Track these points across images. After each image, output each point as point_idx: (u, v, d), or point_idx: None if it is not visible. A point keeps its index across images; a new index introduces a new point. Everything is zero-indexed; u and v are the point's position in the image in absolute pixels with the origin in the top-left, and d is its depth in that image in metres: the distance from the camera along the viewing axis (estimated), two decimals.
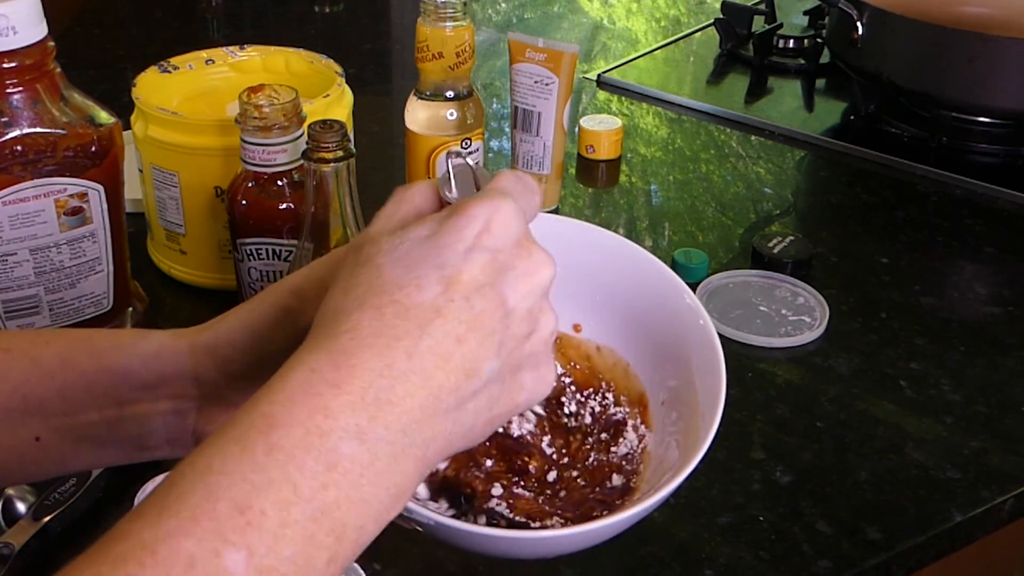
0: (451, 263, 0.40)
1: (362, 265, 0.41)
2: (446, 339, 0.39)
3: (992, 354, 0.83)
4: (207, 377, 0.50)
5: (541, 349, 0.43)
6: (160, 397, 0.50)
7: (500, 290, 0.40)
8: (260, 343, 0.50)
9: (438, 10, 0.85)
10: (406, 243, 0.41)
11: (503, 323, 0.40)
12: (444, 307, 0.39)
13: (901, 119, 1.17)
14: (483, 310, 0.40)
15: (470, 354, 0.39)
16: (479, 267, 0.40)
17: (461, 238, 0.40)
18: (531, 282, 0.41)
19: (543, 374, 0.43)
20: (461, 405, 0.40)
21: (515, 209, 0.42)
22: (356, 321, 0.39)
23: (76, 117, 0.70)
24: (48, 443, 0.50)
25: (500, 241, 0.41)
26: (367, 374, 0.38)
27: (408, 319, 0.39)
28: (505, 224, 0.41)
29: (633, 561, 0.64)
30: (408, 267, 0.40)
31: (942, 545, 0.68)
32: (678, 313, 0.53)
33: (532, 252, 0.42)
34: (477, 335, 0.40)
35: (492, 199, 0.42)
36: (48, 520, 0.63)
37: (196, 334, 0.51)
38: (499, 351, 0.40)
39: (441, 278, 0.39)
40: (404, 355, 0.38)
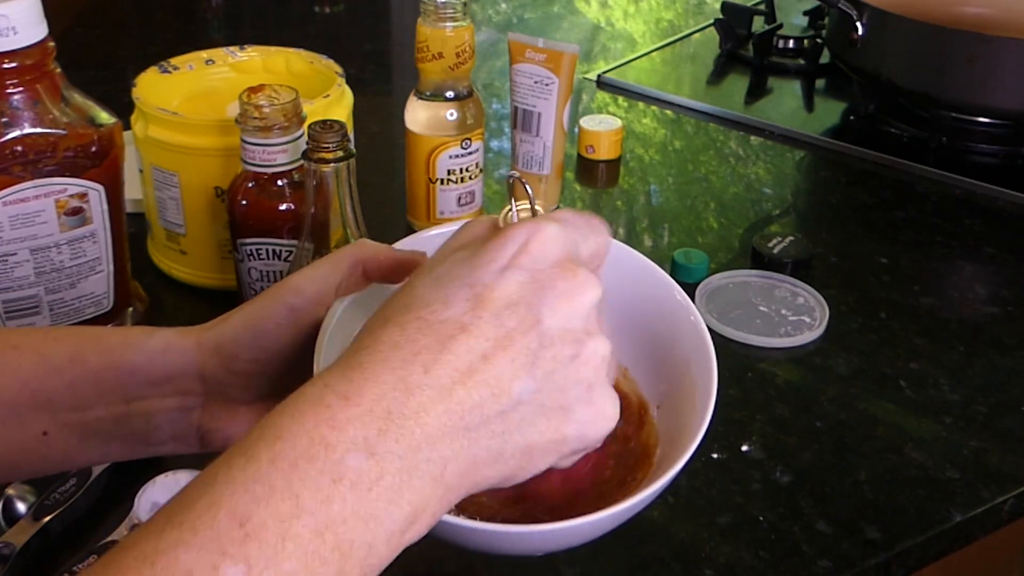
0: (483, 281, 0.39)
1: (402, 289, 0.41)
2: (469, 355, 0.38)
3: (991, 354, 0.83)
4: (212, 374, 0.51)
5: (590, 376, 0.40)
6: (166, 394, 0.51)
7: (536, 309, 0.39)
8: (264, 341, 0.50)
9: (438, 10, 0.85)
10: (444, 264, 0.40)
11: (538, 343, 0.39)
12: (470, 324, 0.38)
13: (901, 119, 1.17)
14: (514, 328, 0.38)
15: (497, 372, 0.38)
16: (515, 285, 0.39)
17: (496, 258, 0.39)
18: (572, 302, 0.39)
19: (601, 407, 0.41)
20: (485, 425, 0.38)
21: (559, 233, 0.40)
22: (377, 337, 0.38)
23: (76, 117, 0.70)
24: (55, 438, 0.50)
25: (538, 261, 0.39)
26: (379, 387, 0.37)
27: (429, 334, 0.38)
28: (543, 244, 0.40)
29: (633, 561, 0.64)
30: (439, 285, 0.39)
31: (942, 545, 0.68)
32: (669, 311, 0.53)
33: (576, 272, 0.40)
34: (506, 353, 0.38)
35: (536, 222, 0.40)
36: (48, 520, 0.63)
37: (202, 332, 0.51)
38: (532, 371, 0.38)
39: (471, 296, 0.38)
40: (421, 369, 0.37)
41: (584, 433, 0.40)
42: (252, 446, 0.36)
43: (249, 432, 0.37)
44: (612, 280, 0.55)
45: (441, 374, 0.37)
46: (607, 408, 0.41)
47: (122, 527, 0.63)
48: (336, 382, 0.37)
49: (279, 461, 0.35)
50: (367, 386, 0.37)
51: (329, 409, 0.36)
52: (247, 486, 0.34)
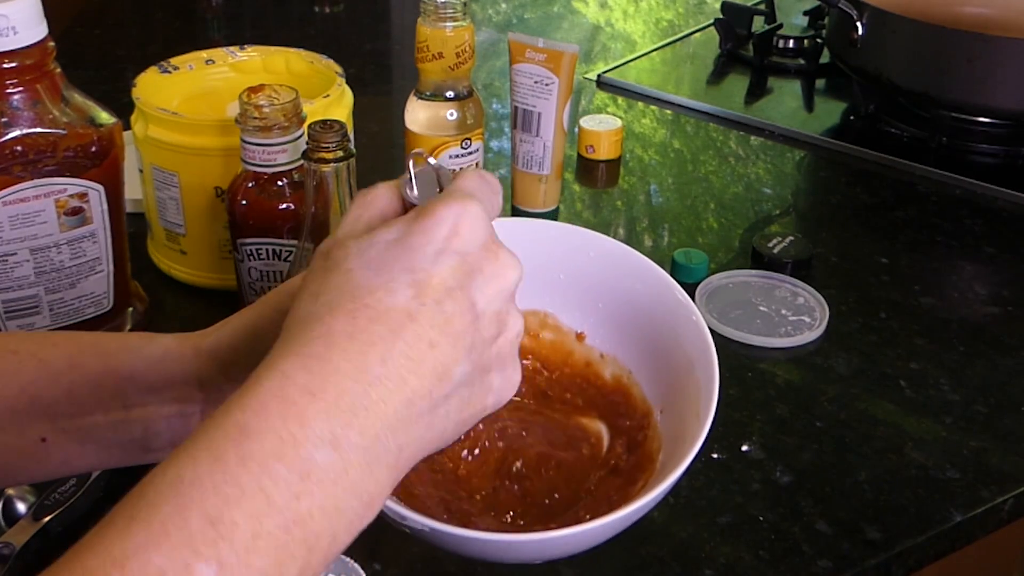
0: (421, 266, 0.40)
1: (331, 270, 0.41)
2: (419, 343, 0.39)
3: (992, 354, 0.83)
4: (211, 381, 0.51)
5: (507, 350, 0.43)
6: (165, 400, 0.51)
7: (470, 293, 0.40)
8: (263, 347, 0.50)
9: (438, 10, 0.85)
10: (375, 247, 0.41)
11: (473, 326, 0.40)
12: (416, 311, 0.39)
13: (901, 119, 1.17)
14: (453, 314, 0.40)
15: (442, 358, 0.39)
16: (449, 270, 0.40)
17: (430, 240, 0.40)
18: (499, 285, 0.41)
19: (509, 375, 0.43)
20: (433, 409, 0.40)
21: (481, 211, 0.42)
22: (329, 326, 0.39)
23: (76, 117, 0.70)
24: (54, 444, 0.50)
25: (468, 244, 0.41)
26: (341, 379, 0.37)
27: (381, 323, 0.39)
28: (472, 226, 0.41)
29: (633, 561, 0.64)
30: (378, 271, 0.40)
31: (942, 545, 0.68)
32: (671, 311, 0.53)
33: (499, 255, 0.42)
34: (448, 339, 0.40)
35: (459, 200, 0.41)
36: (48, 520, 0.63)
37: (201, 338, 0.51)
38: (469, 354, 0.40)
39: (412, 282, 0.39)
40: (378, 360, 0.38)
41: (499, 400, 0.43)
42: (217, 444, 0.36)
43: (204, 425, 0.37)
44: (614, 281, 0.55)
45: (397, 364, 0.38)
46: (515, 375, 0.43)
47: None
48: (296, 373, 0.37)
49: (248, 461, 0.35)
50: (330, 380, 0.37)
51: (295, 405, 0.36)
52: (217, 488, 0.34)
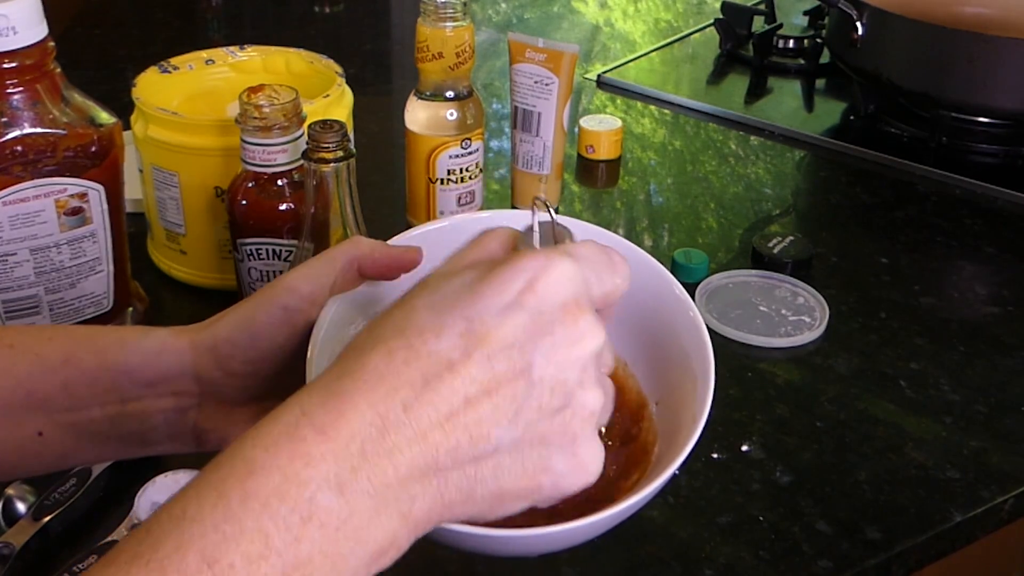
0: (481, 317, 0.37)
1: (400, 304, 0.39)
2: (453, 397, 0.36)
3: (992, 354, 0.83)
4: (207, 375, 0.51)
5: (578, 429, 0.39)
6: (162, 394, 0.51)
7: (529, 355, 0.37)
8: (259, 341, 0.50)
9: (438, 10, 0.85)
10: (447, 287, 0.38)
11: (525, 391, 0.37)
12: (458, 363, 0.37)
13: (901, 119, 1.17)
14: (503, 373, 0.37)
15: (478, 417, 0.37)
16: (512, 327, 0.37)
17: (501, 291, 0.37)
18: (569, 353, 0.38)
19: (583, 461, 0.39)
20: (459, 468, 0.37)
21: (571, 271, 0.38)
22: (363, 362, 0.37)
23: (76, 117, 0.70)
24: (50, 438, 0.50)
25: (544, 302, 0.37)
26: (356, 422, 0.36)
27: (415, 367, 0.36)
28: (554, 284, 0.38)
29: (633, 561, 0.64)
30: (438, 312, 0.37)
31: (942, 545, 0.68)
32: (669, 306, 0.53)
33: (578, 319, 0.38)
34: (491, 399, 0.37)
35: (548, 255, 0.38)
36: (48, 520, 0.63)
37: (197, 332, 0.51)
38: (515, 420, 0.37)
39: (466, 331, 0.37)
40: (400, 407, 0.36)
41: (560, 484, 0.39)
42: (223, 480, 0.35)
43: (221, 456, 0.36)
44: None
45: (420, 414, 0.36)
46: (589, 463, 0.39)
47: (122, 527, 0.63)
48: (314, 410, 0.36)
49: (250, 500, 0.34)
50: (344, 419, 0.36)
51: (304, 443, 0.35)
52: (217, 526, 0.34)
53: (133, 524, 0.63)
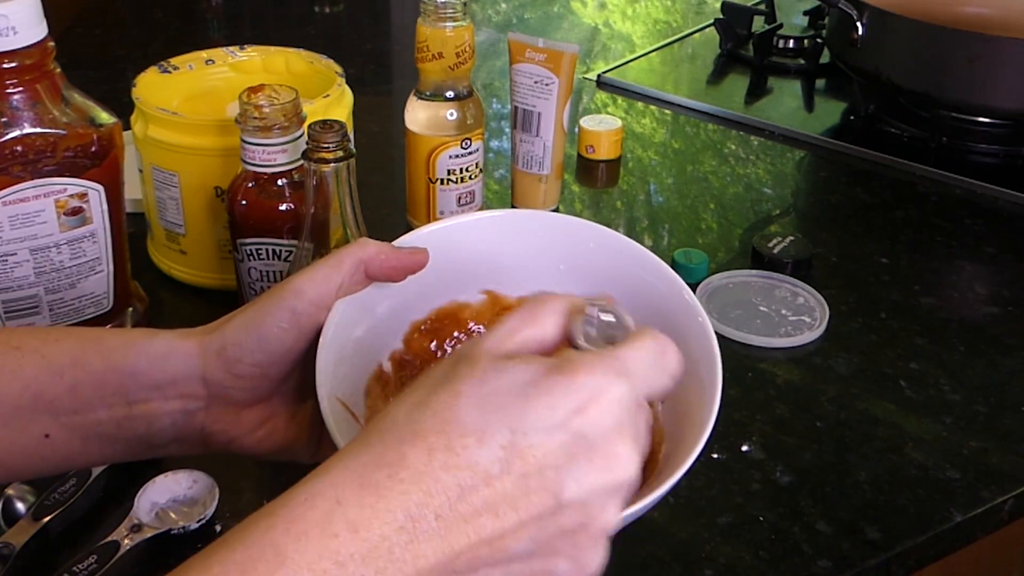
0: (525, 431, 0.37)
1: (445, 385, 0.39)
2: (484, 511, 0.37)
3: (992, 354, 0.83)
4: (215, 377, 0.51)
5: (585, 542, 0.39)
6: (169, 397, 0.51)
7: (563, 476, 0.37)
8: (267, 344, 0.50)
9: (438, 10, 0.85)
10: (497, 381, 0.38)
11: (552, 513, 0.38)
12: (496, 478, 0.37)
13: (901, 119, 1.17)
14: (535, 492, 0.37)
15: (503, 532, 0.37)
16: (554, 447, 0.37)
17: (552, 407, 0.37)
18: (601, 480, 0.38)
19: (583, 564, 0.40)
20: (472, 571, 0.38)
21: (625, 395, 0.39)
22: (402, 455, 0.37)
23: (76, 117, 0.70)
24: (57, 440, 0.50)
25: (591, 427, 0.38)
26: (389, 524, 0.36)
27: (453, 475, 0.37)
28: (606, 410, 0.38)
29: (633, 561, 0.64)
30: (483, 412, 0.37)
31: (942, 545, 0.68)
32: (678, 310, 0.53)
33: (618, 449, 0.38)
34: (518, 516, 0.37)
35: (607, 374, 0.38)
36: (48, 520, 0.63)
37: (204, 335, 0.51)
38: (536, 535, 0.38)
39: (509, 444, 0.37)
40: (433, 515, 0.36)
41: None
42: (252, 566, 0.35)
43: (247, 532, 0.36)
44: (614, 272, 0.55)
45: (450, 525, 0.37)
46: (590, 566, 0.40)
47: (122, 527, 0.63)
48: (349, 503, 0.36)
49: None
50: (377, 519, 0.36)
51: (336, 540, 0.36)
52: None
53: (133, 524, 0.63)
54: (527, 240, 0.57)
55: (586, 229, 0.56)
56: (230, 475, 0.67)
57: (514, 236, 0.57)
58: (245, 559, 0.35)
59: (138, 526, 0.62)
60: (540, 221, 0.59)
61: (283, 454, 0.55)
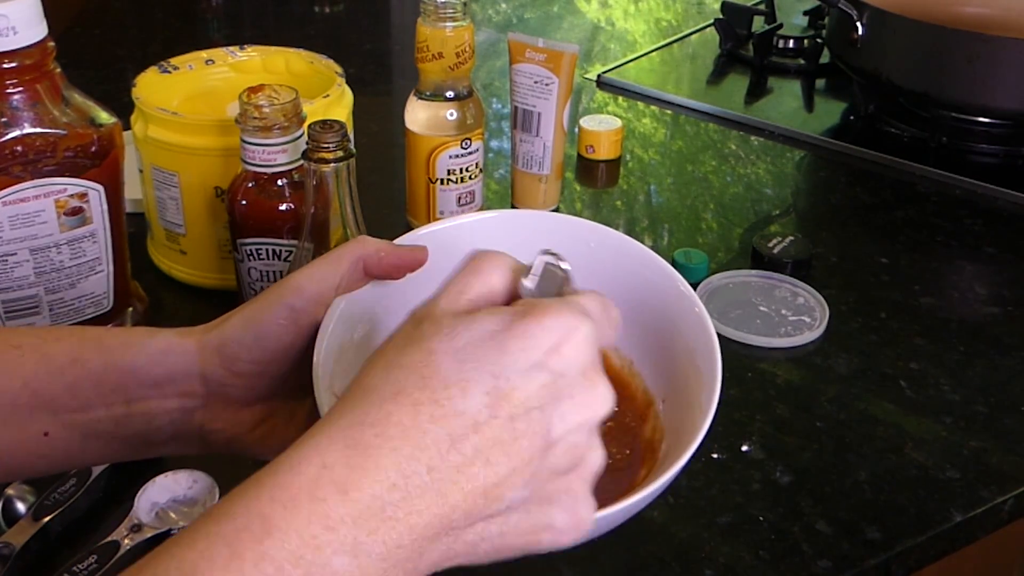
0: (507, 375, 0.37)
1: (415, 344, 0.38)
2: (476, 458, 0.36)
3: (992, 354, 0.83)
4: (214, 375, 0.51)
5: (578, 488, 0.39)
6: (168, 395, 0.51)
7: (549, 418, 0.37)
8: (265, 342, 0.50)
9: (438, 10, 0.85)
10: (468, 333, 0.38)
11: (542, 453, 0.38)
12: (484, 423, 0.36)
13: (901, 119, 1.17)
14: (523, 435, 0.37)
15: (497, 479, 0.37)
16: (536, 387, 0.37)
17: (528, 347, 0.37)
18: (583, 415, 0.38)
19: (579, 515, 0.40)
20: (469, 526, 0.37)
21: (592, 334, 0.39)
22: (387, 413, 0.37)
23: (76, 117, 0.70)
24: (56, 438, 0.50)
25: (567, 365, 0.38)
26: (379, 483, 0.35)
27: (442, 426, 0.36)
28: (578, 347, 0.38)
29: (633, 561, 0.64)
30: (461, 363, 0.37)
31: (942, 545, 0.68)
32: (674, 303, 0.53)
33: (596, 384, 0.39)
34: (509, 460, 0.37)
35: (573, 315, 0.39)
36: (48, 520, 0.63)
37: (203, 333, 0.51)
38: (529, 481, 0.38)
39: (492, 388, 0.37)
40: (425, 468, 0.36)
41: (557, 540, 0.40)
42: (237, 536, 0.34)
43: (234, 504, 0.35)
44: (613, 271, 0.55)
45: (443, 477, 0.36)
46: (585, 518, 0.40)
47: (122, 527, 0.63)
48: (336, 464, 0.36)
49: (264, 563, 0.34)
50: (367, 478, 0.35)
51: (324, 504, 0.35)
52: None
53: (133, 524, 0.63)
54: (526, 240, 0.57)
55: (584, 228, 0.57)
56: (230, 475, 0.67)
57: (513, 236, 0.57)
58: (231, 530, 0.35)
59: (138, 526, 0.62)
60: (538, 221, 0.59)
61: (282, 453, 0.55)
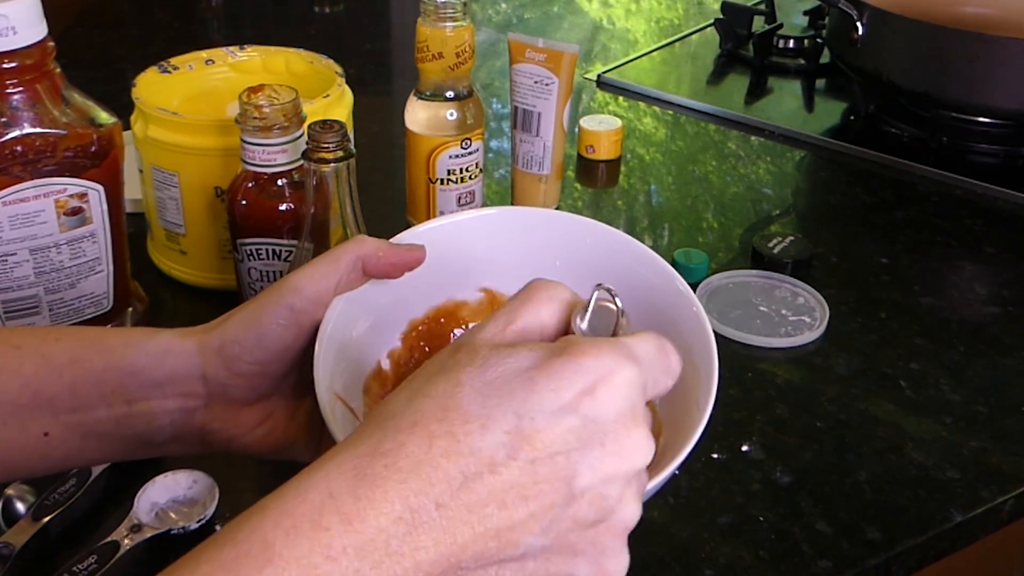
0: (532, 415, 0.35)
1: (444, 373, 0.37)
2: (490, 500, 0.35)
3: (992, 354, 0.83)
4: (214, 376, 0.51)
5: (607, 540, 0.37)
6: (168, 395, 0.51)
7: (575, 463, 0.35)
8: (266, 341, 0.50)
9: (438, 10, 0.85)
10: (500, 367, 0.36)
11: (565, 502, 0.35)
12: (501, 464, 0.35)
13: (901, 119, 1.17)
14: (545, 480, 0.35)
15: (511, 523, 0.35)
16: (563, 431, 0.35)
17: (558, 389, 0.35)
18: (616, 467, 0.36)
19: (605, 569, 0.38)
20: (482, 567, 0.36)
21: (635, 379, 0.37)
22: (400, 443, 0.35)
23: (76, 117, 0.70)
24: (56, 438, 0.50)
25: (601, 410, 0.36)
26: (385, 515, 0.34)
27: (455, 463, 0.35)
28: (616, 392, 0.36)
29: (633, 561, 0.64)
30: (486, 397, 0.35)
31: (942, 545, 0.68)
32: (671, 300, 0.53)
33: (631, 433, 0.36)
34: (528, 507, 0.35)
35: (616, 356, 0.36)
36: (48, 520, 0.63)
37: (204, 333, 0.51)
38: (548, 529, 0.36)
39: (514, 428, 0.35)
40: (433, 505, 0.34)
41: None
42: (238, 563, 0.34)
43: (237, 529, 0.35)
44: (610, 268, 0.55)
45: (453, 516, 0.35)
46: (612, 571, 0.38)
47: (122, 527, 0.63)
48: (343, 494, 0.35)
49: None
50: (373, 510, 0.34)
51: (327, 533, 0.34)
52: None
53: (133, 524, 0.63)
54: (524, 237, 0.57)
55: (581, 225, 0.57)
56: (230, 475, 0.67)
57: (511, 233, 0.58)
58: (233, 556, 0.34)
59: (138, 526, 0.62)
60: (536, 218, 0.59)
61: (283, 452, 0.55)
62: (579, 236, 0.56)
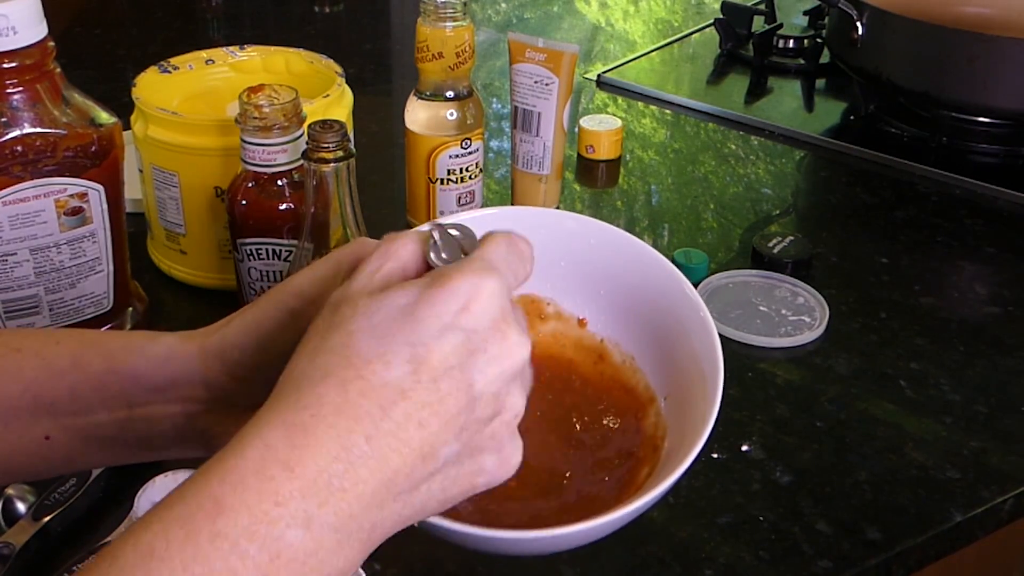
0: (422, 340, 0.39)
1: (335, 328, 0.40)
2: (408, 423, 0.38)
3: (992, 354, 0.83)
4: (216, 380, 0.50)
5: (503, 432, 0.42)
6: (170, 400, 0.51)
7: (469, 374, 0.39)
8: (267, 345, 0.50)
9: (438, 10, 0.85)
10: (382, 311, 0.40)
11: (468, 407, 0.39)
12: (410, 389, 0.38)
13: (901, 119, 1.17)
14: (448, 393, 0.39)
15: (430, 438, 0.39)
16: (451, 347, 0.39)
17: (438, 313, 0.39)
18: (502, 366, 0.40)
19: (506, 456, 0.42)
20: (414, 488, 0.39)
21: (499, 286, 0.41)
22: (319, 395, 0.38)
23: (76, 117, 0.70)
24: (57, 442, 0.50)
25: (477, 321, 0.40)
26: (322, 457, 0.37)
27: (372, 398, 0.38)
28: (485, 303, 0.40)
29: (633, 561, 0.64)
30: (379, 339, 0.39)
31: (942, 545, 0.68)
32: (678, 305, 0.53)
33: (508, 335, 0.41)
34: (439, 419, 0.39)
35: (477, 273, 0.40)
36: (48, 520, 0.63)
37: (205, 337, 0.51)
38: (459, 435, 0.40)
39: (411, 356, 0.39)
40: (363, 438, 0.38)
41: (491, 481, 0.42)
42: (191, 517, 0.36)
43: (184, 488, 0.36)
44: (615, 268, 0.55)
45: (381, 444, 0.38)
46: (513, 457, 0.42)
47: (121, 527, 0.63)
48: (279, 445, 0.37)
49: (219, 540, 0.35)
50: (309, 454, 0.37)
51: (273, 482, 0.36)
52: (186, 566, 0.35)
53: (133, 524, 0.62)
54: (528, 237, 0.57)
55: (586, 225, 0.57)
56: None
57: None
58: (184, 513, 0.36)
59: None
60: (538, 218, 0.59)
61: None
62: (583, 237, 0.56)
